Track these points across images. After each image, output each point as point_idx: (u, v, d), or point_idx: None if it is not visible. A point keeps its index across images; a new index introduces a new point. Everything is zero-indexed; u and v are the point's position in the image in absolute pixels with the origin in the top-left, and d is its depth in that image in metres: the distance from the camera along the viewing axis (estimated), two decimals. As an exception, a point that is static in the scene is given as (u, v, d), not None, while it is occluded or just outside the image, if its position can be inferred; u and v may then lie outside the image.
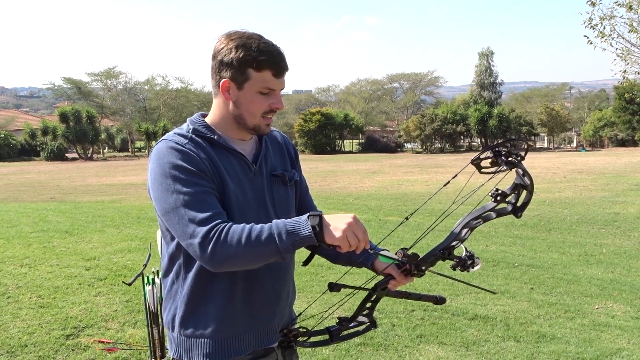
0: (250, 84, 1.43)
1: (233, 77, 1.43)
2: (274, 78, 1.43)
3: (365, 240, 1.29)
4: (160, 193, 1.39)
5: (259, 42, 1.42)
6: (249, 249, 1.29)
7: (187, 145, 1.42)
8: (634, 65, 10.60)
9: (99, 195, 13.83)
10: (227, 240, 1.29)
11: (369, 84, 59.26)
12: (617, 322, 4.10)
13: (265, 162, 1.56)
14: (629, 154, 29.90)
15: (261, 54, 1.41)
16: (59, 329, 3.90)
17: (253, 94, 1.44)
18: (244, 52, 1.41)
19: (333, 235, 1.26)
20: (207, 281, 1.45)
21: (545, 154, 35.61)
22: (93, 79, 48.14)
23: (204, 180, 1.38)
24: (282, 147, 1.66)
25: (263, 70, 1.41)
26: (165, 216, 1.38)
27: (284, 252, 1.29)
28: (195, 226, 1.31)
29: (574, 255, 6.39)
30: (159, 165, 1.40)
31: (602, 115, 43.67)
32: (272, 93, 1.45)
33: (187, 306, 1.48)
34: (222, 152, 1.47)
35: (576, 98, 62.53)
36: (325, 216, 1.30)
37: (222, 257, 1.30)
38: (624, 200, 11.04)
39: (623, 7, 10.01)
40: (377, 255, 1.53)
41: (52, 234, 7.42)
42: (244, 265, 1.34)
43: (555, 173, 18.28)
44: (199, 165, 1.39)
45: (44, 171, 25.85)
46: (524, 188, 1.42)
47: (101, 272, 5.40)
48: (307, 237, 1.27)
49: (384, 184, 15.66)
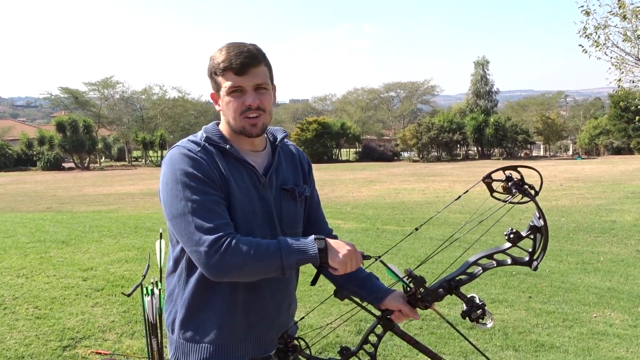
0: (222, 90, 1.48)
1: (213, 89, 1.52)
2: (237, 76, 1.45)
3: (359, 264, 1.43)
4: (169, 198, 1.41)
5: (223, 49, 1.48)
6: (254, 262, 1.33)
7: (199, 153, 1.45)
8: (629, 74, 10.67)
9: (96, 205, 13.79)
10: (235, 252, 1.32)
11: (365, 92, 59.42)
12: (615, 331, 4.10)
13: (276, 175, 1.57)
14: (625, 162, 30.02)
15: (221, 59, 1.46)
16: (56, 340, 3.88)
17: (226, 97, 1.48)
18: (210, 62, 1.49)
19: (335, 258, 1.37)
20: (209, 288, 1.47)
21: (542, 162, 35.72)
22: (90, 88, 48.21)
23: (213, 189, 1.41)
24: (295, 160, 1.67)
25: (226, 73, 1.46)
26: (173, 221, 1.41)
27: (287, 269, 1.35)
28: (202, 234, 1.34)
29: (572, 264, 6.40)
30: (170, 171, 1.43)
31: (597, 123, 43.89)
32: (244, 91, 1.47)
33: (187, 311, 1.50)
34: (233, 162, 1.49)
35: (572, 106, 62.84)
36: (328, 240, 1.40)
37: (227, 267, 1.33)
38: (620, 208, 11.07)
39: (617, 16, 10.10)
40: (385, 265, 1.53)
41: (49, 244, 7.39)
42: (244, 277, 1.38)
43: (552, 181, 18.33)
44: (209, 173, 1.42)
45: (41, 181, 25.77)
46: (539, 232, 1.40)
47: (98, 282, 5.38)
48: (313, 256, 1.36)
49: (381, 193, 15.67)
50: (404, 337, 1.53)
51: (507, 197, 1.38)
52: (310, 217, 1.69)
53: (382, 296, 1.55)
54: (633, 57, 10.56)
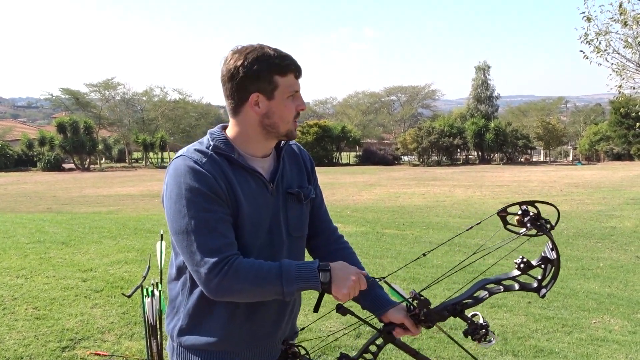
0: (279, 91, 1.42)
1: (261, 89, 1.42)
2: (297, 80, 1.45)
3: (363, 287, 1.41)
4: (173, 213, 1.38)
5: (273, 50, 1.43)
6: (254, 286, 1.34)
7: (206, 165, 1.39)
8: (629, 80, 10.70)
9: (96, 206, 13.79)
10: (234, 277, 1.32)
11: (366, 96, 59.52)
12: (614, 337, 4.10)
13: (282, 180, 1.53)
14: (625, 168, 30.04)
15: (283, 59, 1.42)
16: (55, 340, 3.88)
17: (284, 100, 1.43)
18: (267, 61, 1.40)
19: (340, 290, 1.36)
20: (212, 300, 1.43)
21: (542, 167, 35.74)
22: (91, 89, 48.26)
23: (219, 205, 1.37)
24: (299, 160, 1.63)
25: (288, 75, 1.43)
26: (175, 237, 1.39)
27: (287, 295, 1.35)
28: (203, 256, 1.33)
29: (571, 269, 6.40)
30: (175, 184, 1.38)
31: (598, 129, 43.94)
32: (297, 95, 1.46)
33: (189, 319, 1.48)
34: (240, 171, 1.44)
35: (572, 112, 62.92)
36: (333, 268, 1.37)
37: (226, 291, 1.34)
38: (620, 214, 11.08)
39: (618, 23, 10.14)
40: (389, 286, 1.52)
41: (48, 244, 7.39)
42: (242, 299, 1.39)
43: (552, 187, 18.34)
44: (214, 189, 1.37)
45: (41, 181, 25.78)
46: (550, 263, 1.39)
47: (98, 283, 5.38)
48: (314, 286, 1.36)
49: (381, 197, 15.67)
50: (404, 348, 1.52)
51: (520, 229, 1.38)
52: (314, 216, 1.65)
53: (385, 308, 1.52)
54: (634, 63, 10.59)
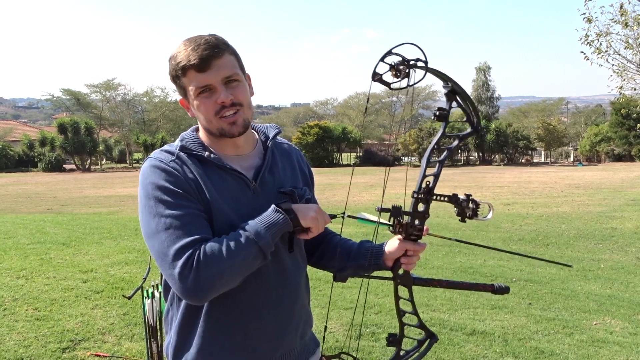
0: (190, 92, 1.34)
1: (180, 94, 1.39)
2: (201, 73, 1.30)
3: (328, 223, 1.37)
4: (143, 216, 1.29)
5: (181, 46, 1.33)
6: (232, 260, 1.21)
7: (171, 163, 1.31)
8: (630, 81, 10.70)
9: (97, 206, 13.80)
10: (207, 262, 1.19)
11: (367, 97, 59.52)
12: (615, 338, 4.09)
13: (270, 177, 1.43)
14: (626, 169, 30.02)
15: (178, 59, 1.31)
16: (55, 341, 3.88)
17: (196, 100, 1.34)
18: (170, 66, 1.35)
19: (306, 217, 1.31)
20: (198, 312, 1.35)
21: (543, 168, 35.72)
22: (92, 90, 48.33)
23: (188, 201, 1.27)
24: (292, 159, 1.53)
25: (188, 73, 1.31)
26: (149, 241, 1.28)
27: (265, 249, 1.25)
28: (174, 256, 1.21)
29: (572, 270, 6.39)
30: (142, 186, 1.31)
31: (598, 130, 43.92)
32: (213, 89, 1.32)
33: (179, 337, 1.39)
34: (215, 170, 1.35)
35: (573, 113, 62.96)
36: (293, 205, 1.33)
37: (207, 281, 1.20)
38: (621, 216, 11.06)
39: (619, 24, 10.13)
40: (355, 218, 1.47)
41: (49, 245, 7.39)
42: (230, 281, 1.24)
43: (553, 188, 18.33)
44: (182, 185, 1.28)
45: (42, 182, 25.80)
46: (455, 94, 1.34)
47: (98, 284, 5.38)
48: (284, 223, 1.28)
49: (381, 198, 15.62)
50: (430, 283, 1.41)
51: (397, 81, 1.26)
52: None
53: (380, 251, 1.44)
54: (635, 64, 10.58)
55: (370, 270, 1.47)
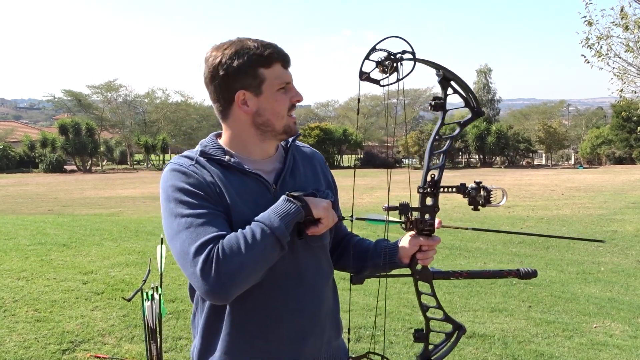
0: (267, 84, 1.32)
1: (247, 85, 1.32)
2: (285, 70, 1.35)
3: (335, 220, 1.36)
4: (165, 219, 1.30)
5: (253, 41, 1.33)
6: (250, 252, 1.21)
7: (191, 167, 1.32)
8: (631, 84, 10.69)
9: (97, 208, 13.80)
10: (227, 254, 1.19)
11: (368, 99, 59.55)
12: (615, 342, 4.09)
13: (291, 180, 1.42)
14: (627, 172, 29.99)
15: (265, 49, 1.31)
16: (55, 343, 3.88)
17: (275, 94, 1.33)
18: (247, 54, 1.30)
19: (317, 207, 1.30)
20: (221, 315, 1.35)
21: (543, 171, 35.70)
22: (93, 91, 48.40)
23: (207, 202, 1.28)
24: (314, 163, 1.53)
25: (273, 65, 1.32)
26: (171, 243, 1.28)
27: (281, 238, 1.25)
28: (195, 252, 1.21)
29: (572, 273, 6.39)
30: (163, 190, 1.32)
31: (599, 132, 43.90)
32: (289, 87, 1.36)
33: (203, 339, 1.39)
34: (236, 174, 1.35)
35: (574, 115, 62.92)
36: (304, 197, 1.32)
37: (228, 277, 1.19)
38: (621, 218, 11.05)
39: (619, 27, 10.13)
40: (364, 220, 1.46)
41: (49, 247, 7.40)
42: (250, 275, 1.23)
43: (553, 190, 18.32)
44: (202, 187, 1.29)
45: (42, 183, 25.82)
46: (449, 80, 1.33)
47: (98, 286, 5.38)
48: (297, 212, 1.27)
49: (382, 200, 15.65)
50: (452, 275, 1.40)
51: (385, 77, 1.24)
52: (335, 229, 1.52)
53: (394, 249, 1.44)
54: (635, 67, 10.58)
55: (387, 269, 1.46)
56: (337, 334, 1.52)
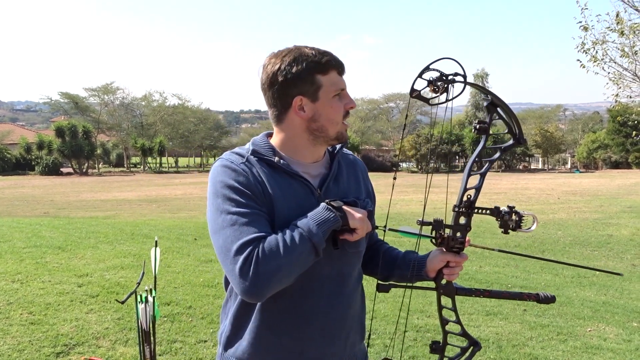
0: (324, 91, 1.35)
1: (304, 91, 1.35)
2: (341, 77, 1.38)
3: (369, 230, 1.38)
4: (210, 213, 1.33)
5: (310, 48, 1.36)
6: (288, 256, 1.24)
7: (241, 165, 1.35)
8: (626, 89, 10.73)
9: (93, 210, 13.78)
10: (265, 258, 1.23)
11: (365, 103, 59.68)
12: (609, 345, 4.10)
13: (335, 187, 1.44)
14: (622, 176, 30.11)
15: (322, 56, 1.35)
16: (49, 346, 3.87)
17: (330, 100, 1.37)
18: (305, 61, 1.34)
19: (354, 217, 1.32)
20: (253, 306, 1.39)
21: (540, 175, 35.79)
22: (90, 94, 48.43)
23: (254, 202, 1.31)
24: (357, 171, 1.55)
25: (330, 72, 1.36)
26: (213, 237, 1.31)
27: (317, 245, 1.27)
28: (237, 250, 1.24)
29: (567, 277, 6.41)
30: (211, 184, 1.35)
31: (595, 137, 44.10)
32: (343, 93, 1.39)
33: (232, 327, 1.43)
34: (283, 176, 1.37)
35: (570, 120, 63.21)
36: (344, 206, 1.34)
37: (265, 277, 1.23)
38: (617, 223, 11.09)
39: (615, 32, 10.17)
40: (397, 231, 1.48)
41: (45, 249, 7.38)
42: (285, 277, 1.26)
43: (550, 194, 18.38)
44: (250, 186, 1.32)
45: (39, 186, 25.75)
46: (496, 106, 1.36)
47: (93, 289, 5.37)
48: (335, 221, 1.30)
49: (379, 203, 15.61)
50: (474, 293, 1.43)
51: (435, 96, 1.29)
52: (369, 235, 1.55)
53: (423, 263, 1.46)
54: (631, 72, 10.62)
55: (412, 281, 1.49)
56: (361, 339, 1.55)
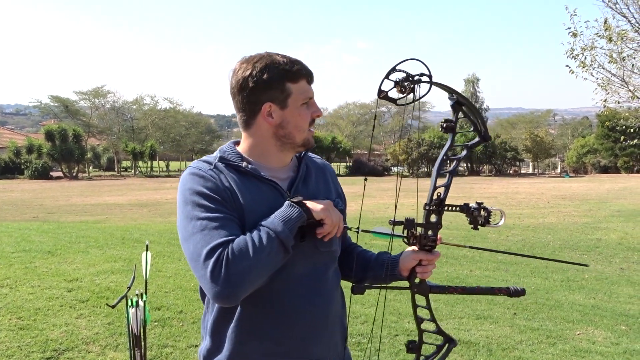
0: (293, 99, 1.38)
1: (273, 98, 1.38)
2: (309, 86, 1.42)
3: (340, 220, 1.39)
4: (180, 221, 1.34)
5: (281, 56, 1.39)
6: (257, 256, 1.25)
7: (209, 171, 1.37)
8: (614, 94, 10.86)
9: (83, 215, 13.68)
10: (236, 258, 1.24)
11: (357, 107, 59.84)
12: (597, 348, 4.14)
13: (304, 188, 1.47)
14: (611, 181, 30.40)
15: (293, 65, 1.38)
16: (38, 351, 3.84)
17: (298, 108, 1.39)
18: (277, 69, 1.36)
19: (317, 210, 1.34)
20: (230, 316, 1.38)
21: (530, 179, 36.04)
22: (81, 97, 48.06)
23: (223, 207, 1.32)
24: (326, 175, 1.59)
25: (300, 81, 1.39)
26: (184, 245, 1.32)
27: (285, 242, 1.29)
28: (206, 254, 1.25)
29: (557, 281, 6.46)
30: (181, 193, 1.36)
31: (585, 142, 44.52)
32: (311, 102, 1.42)
33: (212, 339, 1.42)
34: (252, 180, 1.40)
35: (560, 125, 63.79)
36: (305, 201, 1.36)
37: (237, 278, 1.23)
38: (605, 227, 11.20)
39: (603, 38, 10.30)
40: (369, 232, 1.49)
41: (34, 254, 7.32)
42: (257, 277, 1.27)
43: (539, 199, 18.51)
44: (219, 192, 1.33)
45: (28, 190, 25.52)
46: (461, 105, 1.38)
47: (83, 293, 5.34)
48: (299, 217, 1.32)
49: (370, 208, 15.70)
50: (447, 290, 1.45)
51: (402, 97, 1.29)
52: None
53: (396, 262, 1.49)
54: (619, 78, 10.75)
55: (387, 281, 1.51)
56: (343, 340, 1.56)
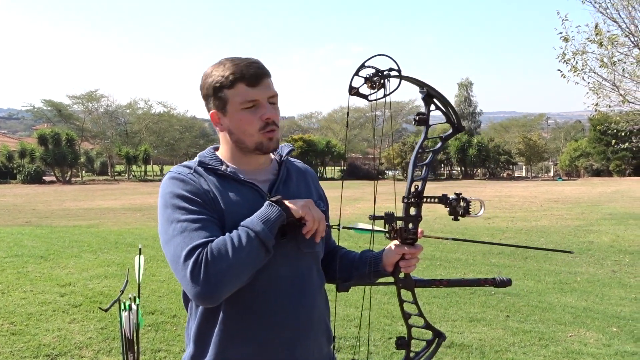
0: (230, 105, 1.39)
1: (216, 106, 1.42)
2: (251, 88, 1.38)
3: (322, 217, 1.39)
4: (161, 225, 1.35)
5: (226, 62, 1.40)
6: (236, 255, 1.25)
7: (189, 175, 1.38)
8: (605, 98, 10.94)
9: (76, 219, 13.61)
10: (216, 258, 1.24)
11: (351, 111, 59.93)
12: (589, 350, 4.17)
13: (284, 190, 1.46)
14: (604, 184, 30.60)
15: (228, 71, 1.38)
16: (31, 357, 3.82)
17: (238, 113, 1.39)
18: (214, 77, 1.40)
19: (296, 209, 1.34)
20: (214, 321, 1.38)
21: (523, 183, 36.21)
22: (74, 101, 47.81)
23: (204, 209, 1.33)
24: (307, 178, 1.59)
25: (236, 86, 1.37)
26: (165, 248, 1.33)
27: (267, 244, 1.30)
28: (186, 255, 1.26)
29: (549, 283, 6.50)
30: (161, 197, 1.37)
31: (577, 145, 44.81)
32: (258, 104, 1.39)
33: (195, 346, 1.42)
34: (232, 183, 1.41)
35: (553, 128, 64.16)
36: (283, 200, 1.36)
37: (217, 277, 1.24)
38: (597, 230, 11.27)
39: (594, 43, 10.38)
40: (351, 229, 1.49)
41: (26, 259, 7.28)
42: (237, 277, 1.27)
43: (532, 202, 18.61)
44: (199, 194, 1.35)
45: (20, 194, 25.35)
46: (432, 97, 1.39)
47: (76, 298, 5.32)
48: (279, 216, 1.32)
49: (364, 211, 15.73)
50: (433, 283, 1.46)
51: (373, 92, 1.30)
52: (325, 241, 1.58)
53: (379, 258, 1.49)
54: (610, 82, 10.84)
55: (372, 278, 1.50)
56: (328, 342, 1.55)
